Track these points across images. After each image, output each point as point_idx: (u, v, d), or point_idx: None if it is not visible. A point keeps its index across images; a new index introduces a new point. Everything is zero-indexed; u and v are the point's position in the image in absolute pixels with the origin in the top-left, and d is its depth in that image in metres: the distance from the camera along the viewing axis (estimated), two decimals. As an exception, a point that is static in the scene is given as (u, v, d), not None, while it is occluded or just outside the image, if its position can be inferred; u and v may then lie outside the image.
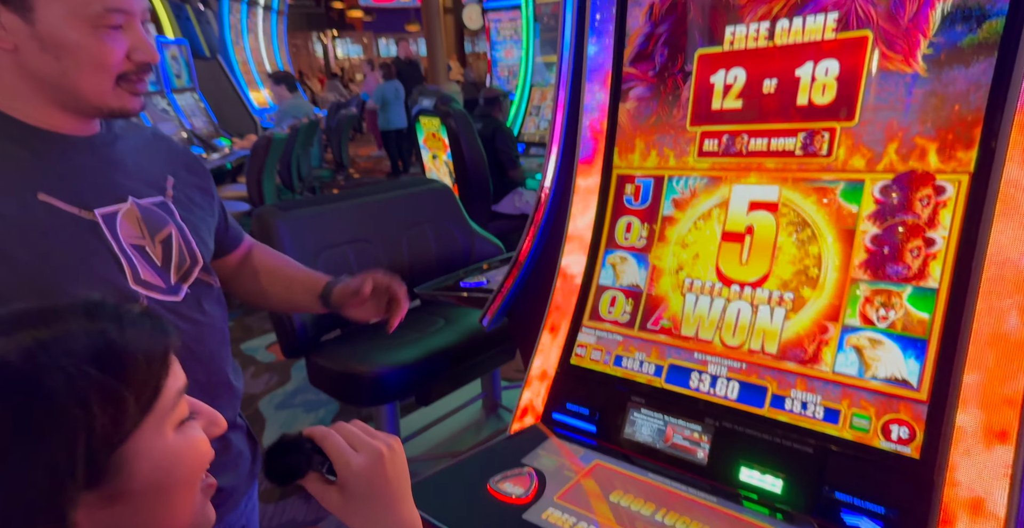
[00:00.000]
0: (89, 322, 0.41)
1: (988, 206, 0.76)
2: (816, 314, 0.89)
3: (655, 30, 1.06)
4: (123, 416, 0.40)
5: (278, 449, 0.57)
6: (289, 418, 2.56)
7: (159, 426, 0.43)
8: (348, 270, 2.08)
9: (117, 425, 0.40)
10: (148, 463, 0.42)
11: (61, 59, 0.70)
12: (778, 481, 0.85)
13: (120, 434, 0.40)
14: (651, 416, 1.01)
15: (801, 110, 0.92)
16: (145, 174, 0.84)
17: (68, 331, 0.40)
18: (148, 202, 0.81)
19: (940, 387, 0.77)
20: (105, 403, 0.39)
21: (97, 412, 0.38)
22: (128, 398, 0.40)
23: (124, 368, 0.41)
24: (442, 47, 9.89)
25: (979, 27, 0.75)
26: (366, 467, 0.56)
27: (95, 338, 0.40)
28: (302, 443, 0.57)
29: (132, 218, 0.78)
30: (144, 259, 0.79)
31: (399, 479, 0.58)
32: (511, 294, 1.35)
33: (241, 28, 7.74)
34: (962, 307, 0.76)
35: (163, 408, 0.43)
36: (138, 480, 0.41)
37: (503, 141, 3.74)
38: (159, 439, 0.43)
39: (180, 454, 0.44)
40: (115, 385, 0.40)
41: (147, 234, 0.79)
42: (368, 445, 0.57)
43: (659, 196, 1.09)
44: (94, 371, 0.39)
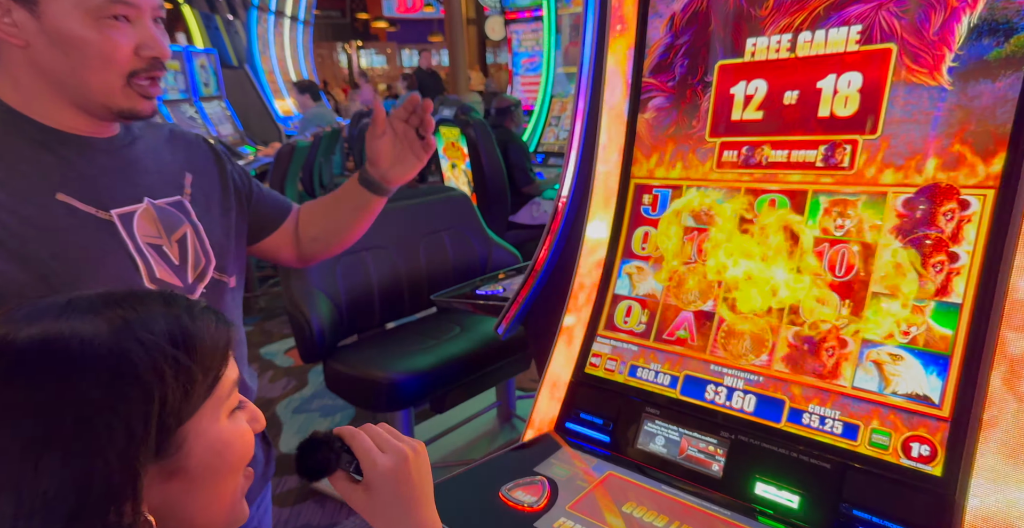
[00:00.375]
0: (166, 308, 0.47)
1: (1014, 221, 0.74)
2: (837, 327, 0.88)
3: (676, 41, 1.06)
4: (191, 393, 0.45)
5: (309, 445, 0.58)
6: (306, 422, 2.58)
7: (216, 410, 0.47)
8: (366, 276, 2.12)
9: (185, 400, 0.45)
10: (204, 444, 0.46)
11: (69, 55, 0.71)
12: (795, 497, 0.84)
13: (187, 409, 0.45)
14: (666, 428, 1.00)
15: (823, 122, 0.91)
16: (163, 174, 0.85)
17: (150, 313, 0.46)
18: (164, 202, 0.83)
19: (963, 404, 0.75)
20: (178, 378, 0.44)
21: (171, 385, 0.43)
22: (197, 376, 0.45)
23: (195, 349, 0.46)
24: (464, 58, 10.00)
25: (1007, 41, 0.75)
26: (391, 468, 0.57)
27: (172, 322, 0.46)
28: (332, 441, 0.58)
29: (149, 217, 0.80)
30: (161, 258, 0.80)
31: (423, 482, 0.59)
32: (527, 302, 1.35)
33: (268, 38, 7.93)
34: (986, 323, 0.75)
35: (221, 394, 0.48)
36: (194, 459, 0.45)
37: (516, 155, 3.71)
38: (215, 423, 0.47)
39: (231, 440, 0.49)
40: (187, 363, 0.45)
41: (163, 233, 0.81)
42: (394, 447, 0.59)
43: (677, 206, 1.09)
44: (171, 348, 0.44)
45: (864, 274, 0.86)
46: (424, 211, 2.34)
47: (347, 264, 2.07)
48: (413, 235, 2.27)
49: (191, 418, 0.45)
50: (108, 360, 0.42)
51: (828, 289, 0.90)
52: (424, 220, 2.32)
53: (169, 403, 0.43)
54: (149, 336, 0.44)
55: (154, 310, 0.46)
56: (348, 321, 2.07)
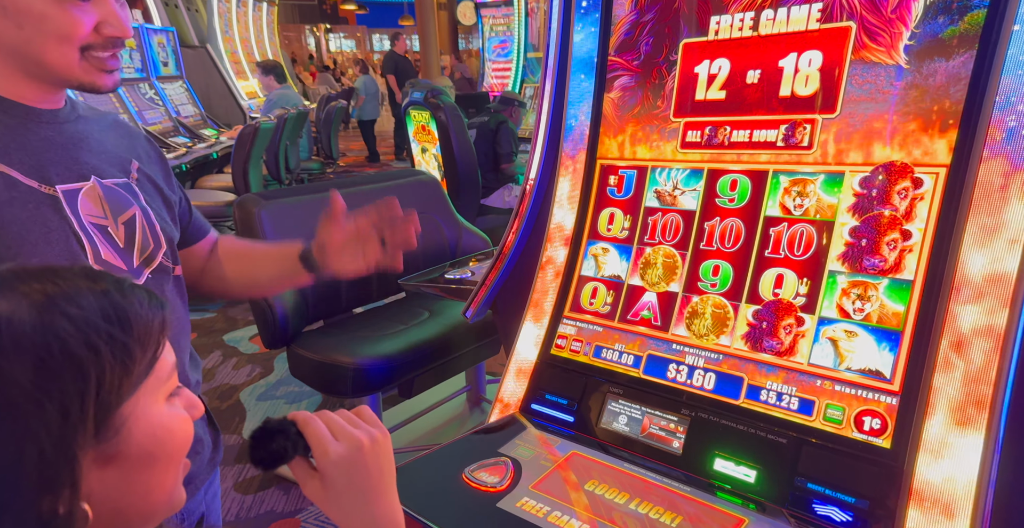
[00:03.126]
0: (91, 283, 0.43)
1: (964, 199, 0.76)
2: (795, 306, 0.89)
3: (641, 18, 1.05)
4: (129, 371, 0.42)
5: (263, 433, 0.55)
6: (271, 410, 2.54)
7: (155, 393, 0.45)
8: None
9: (125, 377, 0.42)
10: (145, 428, 0.44)
11: (23, 27, 0.67)
12: (752, 471, 0.85)
13: (127, 388, 0.42)
14: (628, 406, 1.01)
15: (784, 101, 0.92)
16: (109, 155, 0.81)
17: (74, 287, 0.42)
18: (111, 182, 0.79)
19: (913, 379, 0.77)
20: (115, 354, 0.41)
21: (107, 361, 0.41)
22: (135, 352, 0.43)
23: (130, 324, 0.43)
24: (435, 43, 9.84)
25: (961, 19, 0.75)
26: (344, 457, 0.55)
27: (100, 296, 0.42)
28: (287, 427, 0.56)
29: (94, 196, 0.76)
30: (106, 239, 0.76)
31: (381, 472, 0.57)
32: (495, 286, 1.34)
33: (231, 18, 7.66)
34: (936, 299, 0.76)
35: (160, 376, 0.45)
36: (133, 444, 0.43)
37: (506, 135, 3.74)
38: (154, 406, 0.45)
39: (171, 427, 0.46)
40: (123, 338, 0.42)
41: (109, 214, 0.77)
42: (349, 435, 0.56)
43: (642, 187, 1.09)
44: (103, 323, 0.41)
45: (821, 252, 0.88)
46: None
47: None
48: (381, 219, 2.23)
49: (131, 398, 0.43)
50: (32, 337, 0.38)
51: (787, 268, 0.91)
52: (392, 204, 2.28)
53: (107, 381, 0.41)
54: (77, 310, 0.40)
55: (79, 285, 0.43)
56: (313, 306, 2.03)
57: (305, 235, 2.16)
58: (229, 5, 7.58)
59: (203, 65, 6.39)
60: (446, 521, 0.83)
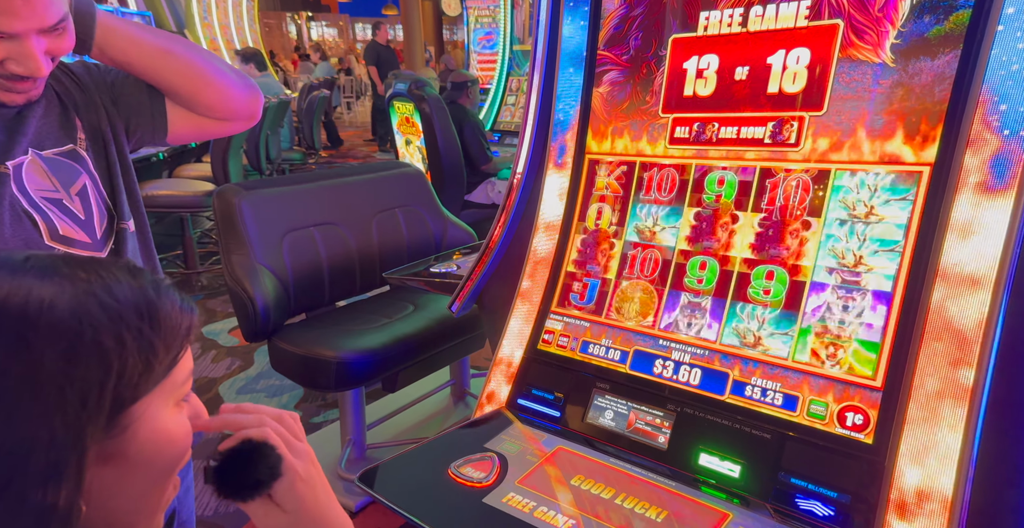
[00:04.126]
0: (131, 278, 0.44)
1: (948, 196, 0.77)
2: (780, 303, 0.90)
3: (630, 12, 1.05)
4: (151, 367, 0.42)
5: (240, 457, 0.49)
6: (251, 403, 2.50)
7: (167, 397, 0.45)
8: (316, 253, 2.05)
9: (145, 374, 0.42)
10: (150, 431, 0.43)
11: None
12: (736, 466, 0.86)
13: (144, 385, 0.42)
14: (615, 402, 1.01)
15: (771, 98, 0.92)
16: (52, 122, 0.76)
17: (115, 279, 0.43)
18: (53, 152, 0.75)
19: (895, 375, 0.78)
20: (140, 350, 0.41)
21: (132, 356, 0.41)
22: (159, 351, 0.43)
23: (159, 323, 0.43)
24: (420, 33, 9.73)
25: (946, 18, 0.76)
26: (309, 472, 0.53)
27: (137, 292, 0.43)
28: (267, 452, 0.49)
29: (38, 170, 0.72)
30: (64, 213, 0.73)
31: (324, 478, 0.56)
32: (481, 280, 1.34)
33: (209, 4, 7.48)
34: (919, 296, 0.78)
35: (176, 380, 0.45)
36: (135, 445, 0.43)
37: (472, 134, 3.64)
38: (163, 410, 0.45)
39: (174, 433, 0.46)
40: (151, 335, 0.42)
41: (60, 186, 0.74)
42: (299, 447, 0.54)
43: (630, 182, 1.08)
44: (135, 318, 0.42)
45: (809, 248, 0.88)
46: (377, 187, 2.27)
47: (294, 240, 2.00)
48: (365, 211, 2.20)
49: (145, 397, 0.43)
50: (68, 322, 0.39)
51: (775, 264, 0.91)
52: (377, 196, 2.25)
53: (127, 375, 0.41)
54: (114, 302, 0.41)
55: (119, 277, 0.43)
56: (295, 299, 2.00)
57: (287, 227, 2.12)
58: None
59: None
60: (432, 517, 0.83)
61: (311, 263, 2.04)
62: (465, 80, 3.86)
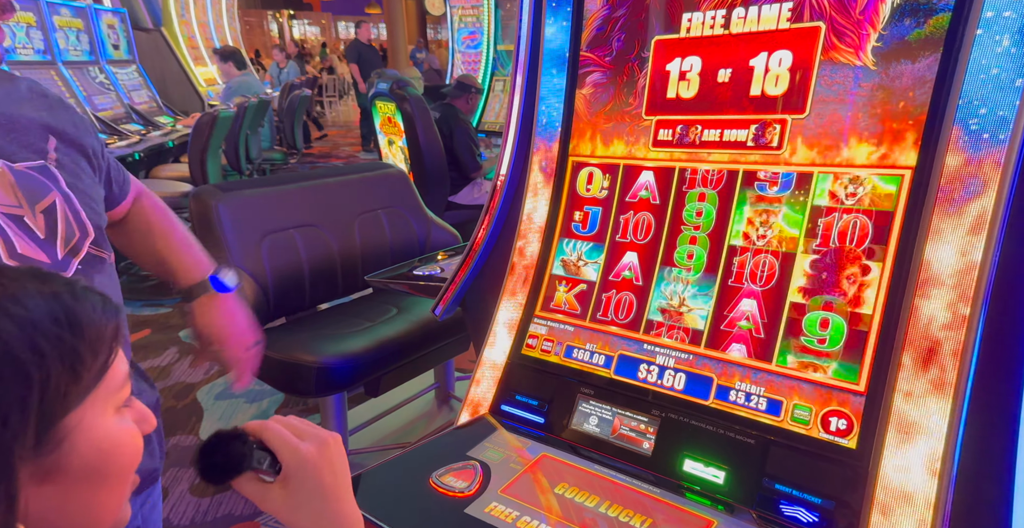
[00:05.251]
0: (41, 284, 0.41)
1: (929, 199, 0.77)
2: (764, 307, 0.89)
3: (613, 13, 1.04)
4: (79, 377, 0.40)
5: (215, 442, 0.51)
6: (229, 409, 2.45)
7: (104, 403, 0.42)
8: (296, 256, 2.01)
9: (73, 384, 0.39)
10: (90, 441, 0.41)
11: None
12: (720, 472, 0.85)
13: (74, 395, 0.39)
14: (599, 407, 1.00)
15: (754, 101, 0.91)
16: (20, 134, 0.73)
17: (22, 288, 0.40)
18: (24, 166, 0.72)
19: (878, 380, 0.78)
20: (63, 359, 0.39)
21: (54, 366, 0.38)
22: (85, 358, 0.40)
23: (80, 329, 0.40)
24: (404, 32, 9.67)
25: (926, 22, 0.76)
26: (315, 455, 0.53)
27: (50, 299, 0.40)
28: (241, 437, 0.52)
29: (5, 183, 0.69)
30: (22, 230, 0.70)
31: (344, 472, 0.55)
32: (465, 283, 1.32)
33: (187, 1, 7.35)
34: (900, 300, 0.77)
35: (111, 386, 0.42)
36: (76, 458, 0.40)
37: (462, 139, 3.60)
38: (102, 418, 0.42)
39: (120, 440, 0.43)
40: (72, 342, 0.39)
41: (24, 202, 0.70)
42: (313, 434, 0.54)
43: (614, 185, 1.07)
44: (52, 326, 0.39)
45: (789, 254, 0.88)
46: (360, 188, 2.24)
47: (273, 242, 1.96)
48: (347, 213, 2.17)
49: (78, 408, 0.40)
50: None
51: (760, 268, 0.91)
52: (359, 197, 2.22)
53: (52, 388, 0.38)
54: (23, 312, 0.38)
55: (27, 286, 0.40)
56: (275, 303, 1.96)
57: (266, 229, 2.07)
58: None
59: (158, 49, 6.12)
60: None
61: (291, 266, 2.00)
62: (472, 85, 3.81)
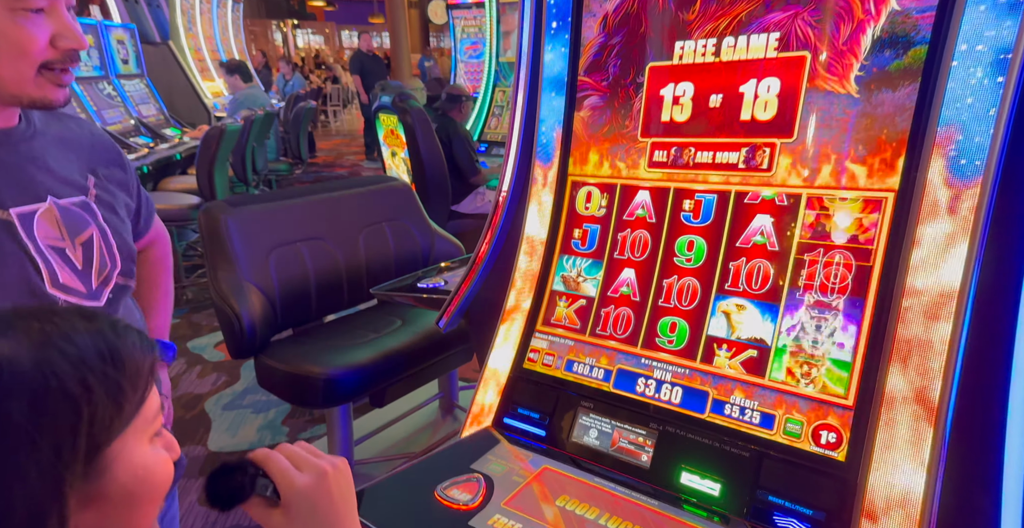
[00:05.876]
0: (87, 323, 0.45)
1: (911, 221, 0.80)
2: (756, 321, 0.92)
3: (609, 41, 1.08)
4: (120, 409, 0.43)
5: (219, 473, 0.56)
6: (237, 419, 2.49)
7: (140, 434, 0.46)
8: (302, 268, 2.05)
9: (116, 416, 0.43)
10: (128, 469, 0.44)
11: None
12: (716, 485, 0.88)
13: (117, 426, 0.43)
14: (599, 420, 1.03)
15: (744, 125, 0.95)
16: (66, 172, 0.79)
17: (71, 327, 0.44)
18: (68, 202, 0.78)
19: (865, 393, 0.81)
20: (108, 392, 0.42)
21: (100, 400, 0.42)
22: (127, 391, 0.44)
23: (123, 364, 0.44)
24: (406, 41, 9.76)
25: (905, 53, 0.80)
26: (310, 486, 0.56)
27: (96, 336, 0.44)
28: (244, 466, 0.57)
29: (51, 219, 0.75)
30: (64, 262, 0.75)
31: (344, 499, 0.58)
32: (468, 296, 1.35)
33: (194, 14, 7.45)
34: (886, 318, 0.81)
35: (146, 417, 0.46)
36: (116, 485, 0.43)
37: (460, 147, 3.67)
38: (138, 447, 0.45)
39: (153, 468, 0.47)
40: (116, 377, 0.43)
41: (67, 236, 0.76)
42: (312, 465, 0.57)
43: (612, 204, 1.11)
44: (98, 362, 0.42)
45: (781, 270, 0.91)
46: (364, 201, 2.28)
47: (281, 255, 2.00)
48: (352, 226, 2.21)
49: (119, 438, 0.43)
50: (31, 375, 0.40)
51: (751, 284, 0.94)
52: (364, 211, 2.26)
53: (98, 419, 0.42)
54: (74, 349, 0.42)
55: (75, 324, 0.44)
56: (282, 315, 2.00)
57: (274, 242, 2.12)
58: (192, 1, 7.38)
59: (165, 62, 6.21)
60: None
61: (298, 278, 2.04)
62: (460, 94, 3.89)
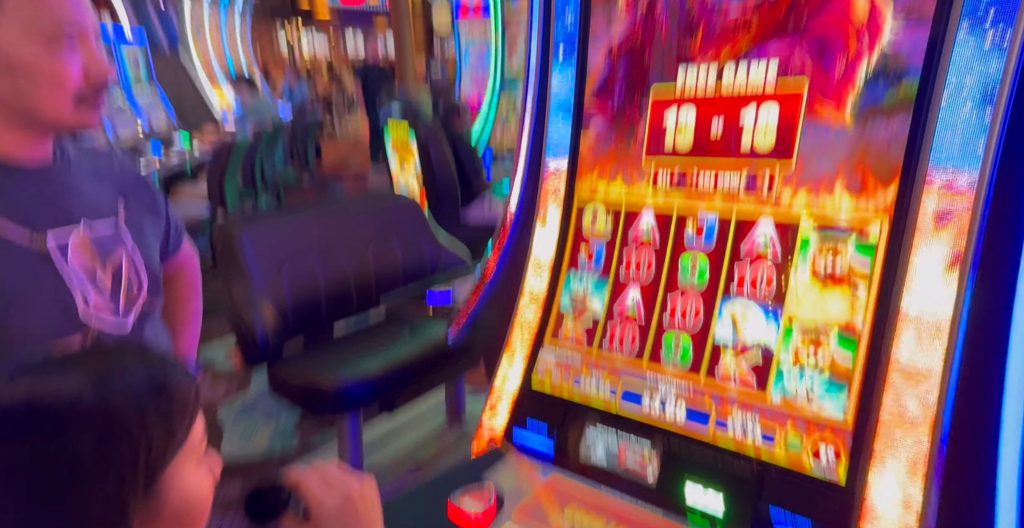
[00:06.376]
0: (139, 359, 0.50)
1: (905, 246, 0.83)
2: (756, 343, 0.96)
3: (614, 67, 1.12)
4: (172, 437, 0.47)
5: (257, 492, 0.61)
6: (248, 427, 2.53)
7: (189, 458, 0.50)
8: (313, 279, 2.10)
9: (167, 445, 0.47)
10: (179, 491, 0.48)
11: (17, 79, 0.69)
12: (719, 500, 0.91)
13: (169, 454, 0.47)
14: (605, 436, 1.06)
15: (745, 150, 0.99)
16: (97, 200, 0.84)
17: (125, 365, 0.48)
18: (100, 228, 0.82)
19: (863, 414, 0.84)
20: (160, 423, 0.47)
21: (154, 431, 0.46)
22: (177, 420, 0.48)
23: (172, 396, 0.48)
24: (411, 48, 9.82)
25: (898, 86, 0.83)
26: (339, 505, 0.60)
27: (148, 371, 0.49)
28: (278, 485, 0.61)
29: (83, 244, 0.79)
30: (95, 287, 0.79)
31: (371, 518, 0.62)
32: (475, 311, 1.39)
33: (203, 24, 7.55)
34: (881, 342, 0.84)
35: (193, 442, 0.50)
36: (168, 508, 0.47)
37: (464, 152, 3.76)
38: (187, 471, 0.49)
39: (201, 491, 0.51)
40: (167, 408, 0.47)
41: (98, 259, 0.80)
42: (341, 484, 0.61)
43: (617, 223, 1.15)
44: (149, 396, 0.47)
45: (781, 291, 0.95)
46: (373, 217, 2.33)
47: (293, 270, 2.04)
48: (362, 240, 2.25)
49: (172, 463, 0.48)
50: (95, 413, 0.44)
51: (752, 305, 0.97)
52: (373, 225, 2.31)
53: (155, 447, 0.46)
54: (129, 386, 0.46)
55: (128, 362, 0.49)
56: (293, 322, 2.05)
57: (286, 257, 2.16)
58: (200, 9, 7.48)
59: (174, 71, 6.29)
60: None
61: (309, 289, 2.09)
62: (456, 107, 4.01)
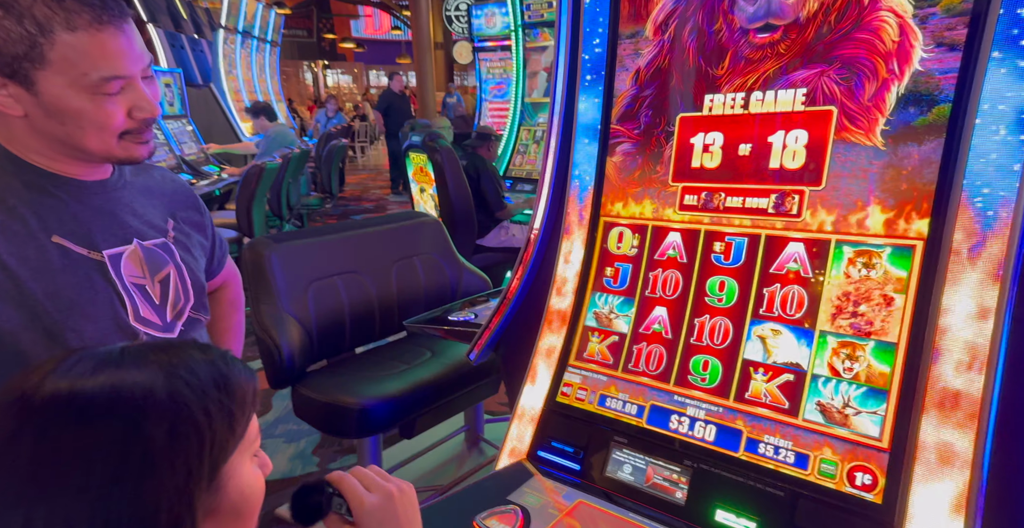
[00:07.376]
0: (203, 355, 0.52)
1: (940, 269, 0.83)
2: (787, 363, 0.95)
3: (641, 93, 1.15)
4: (232, 432, 0.49)
5: (302, 492, 0.63)
6: (270, 449, 2.53)
7: (245, 452, 0.52)
8: (338, 301, 2.13)
9: (228, 439, 0.49)
10: (237, 484, 0.50)
11: (65, 124, 0.75)
12: (752, 524, 0.89)
13: (229, 448, 0.49)
14: (633, 456, 1.05)
15: (773, 173, 1.00)
16: (150, 216, 0.89)
17: (192, 359, 0.50)
18: (151, 243, 0.87)
19: (900, 437, 0.82)
20: (222, 417, 0.49)
21: (218, 424, 0.48)
22: (237, 415, 0.50)
23: (233, 392, 0.50)
24: (432, 80, 10.12)
25: (930, 110, 0.85)
26: (378, 506, 0.62)
27: (211, 367, 0.51)
28: (322, 486, 0.63)
29: (136, 258, 0.84)
30: (144, 297, 0.84)
31: (409, 519, 0.64)
32: (498, 330, 1.40)
33: (235, 58, 7.88)
34: (919, 361, 0.83)
35: (249, 438, 0.52)
36: (227, 500, 0.49)
37: (488, 182, 3.82)
38: (244, 465, 0.51)
39: (255, 484, 0.53)
40: (229, 403, 0.49)
41: (148, 274, 0.85)
42: (381, 487, 0.63)
43: (643, 244, 1.16)
44: (215, 391, 0.49)
45: (811, 313, 0.94)
46: (396, 236, 2.37)
47: (319, 288, 2.08)
48: (385, 260, 2.29)
49: (232, 457, 0.50)
50: (167, 404, 0.46)
51: (781, 326, 0.97)
52: (396, 245, 2.35)
53: (218, 440, 0.48)
54: (197, 380, 0.49)
55: (195, 356, 0.51)
56: (318, 346, 2.07)
57: (312, 276, 2.20)
58: (234, 46, 7.81)
59: (207, 103, 6.53)
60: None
61: (334, 310, 2.11)
62: (490, 134, 4.10)
